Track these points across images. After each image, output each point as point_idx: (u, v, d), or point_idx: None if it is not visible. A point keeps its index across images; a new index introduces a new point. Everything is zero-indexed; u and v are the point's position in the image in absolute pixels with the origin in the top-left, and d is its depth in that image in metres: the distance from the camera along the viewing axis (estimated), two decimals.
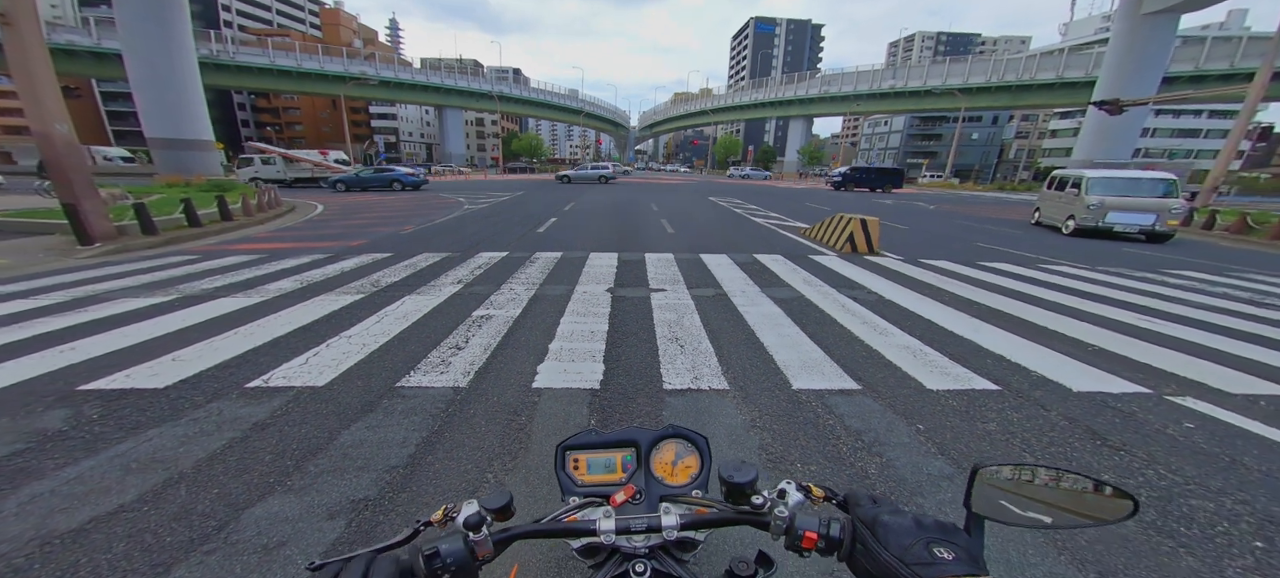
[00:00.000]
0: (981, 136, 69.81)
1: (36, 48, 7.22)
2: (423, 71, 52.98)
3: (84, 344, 3.56)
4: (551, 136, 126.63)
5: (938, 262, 7.58)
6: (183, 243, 8.35)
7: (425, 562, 0.53)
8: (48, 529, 1.79)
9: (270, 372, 3.17)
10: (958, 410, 2.85)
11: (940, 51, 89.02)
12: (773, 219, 13.48)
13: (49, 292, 5.01)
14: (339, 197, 19.58)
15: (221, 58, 38.90)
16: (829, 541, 0.54)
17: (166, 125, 28.95)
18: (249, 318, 4.24)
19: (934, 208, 19.71)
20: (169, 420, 2.57)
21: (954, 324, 4.42)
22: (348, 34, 76.59)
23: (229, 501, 1.98)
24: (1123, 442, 2.51)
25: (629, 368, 3.35)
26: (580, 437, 0.81)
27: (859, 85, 49.72)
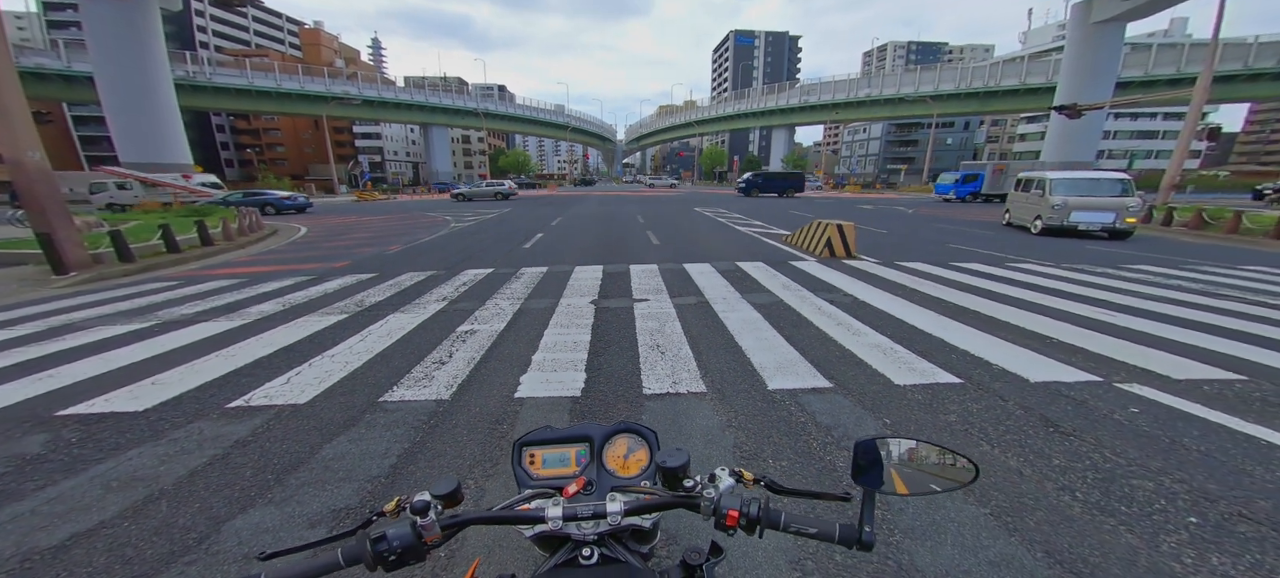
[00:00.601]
0: (955, 141, 72.26)
1: (6, 72, 7.12)
2: (407, 90, 53.02)
3: (61, 372, 3.52)
4: (539, 152, 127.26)
5: (912, 264, 7.84)
6: (161, 270, 8.23)
7: (372, 545, 0.56)
8: (29, 546, 1.80)
9: (251, 392, 3.18)
10: (922, 404, 2.99)
11: (912, 60, 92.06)
12: (756, 227, 13.75)
13: (23, 322, 4.92)
14: (321, 218, 19.39)
15: (198, 79, 38.50)
16: (749, 519, 0.59)
17: (142, 149, 28.47)
18: (230, 341, 4.22)
19: (913, 211, 20.29)
20: (149, 441, 2.58)
21: (924, 322, 4.61)
22: (329, 54, 76.38)
23: (210, 514, 2.00)
24: (1073, 428, 2.67)
25: (610, 376, 3.43)
26: (536, 433, 0.84)
27: (837, 94, 51.20)
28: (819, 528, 0.58)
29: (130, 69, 27.03)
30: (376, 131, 77.86)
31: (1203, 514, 1.96)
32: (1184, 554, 1.75)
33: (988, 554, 1.76)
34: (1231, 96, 35.64)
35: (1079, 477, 2.23)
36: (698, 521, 1.78)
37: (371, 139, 78.77)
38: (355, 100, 46.21)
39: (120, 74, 26.89)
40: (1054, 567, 1.70)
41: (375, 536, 0.57)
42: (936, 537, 1.84)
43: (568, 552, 0.67)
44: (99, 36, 26.25)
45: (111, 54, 26.54)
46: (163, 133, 29.11)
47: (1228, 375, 3.32)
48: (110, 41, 26.31)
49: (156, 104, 28.56)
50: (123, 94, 27.29)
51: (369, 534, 0.57)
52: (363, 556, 0.56)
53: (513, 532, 1.81)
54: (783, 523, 0.60)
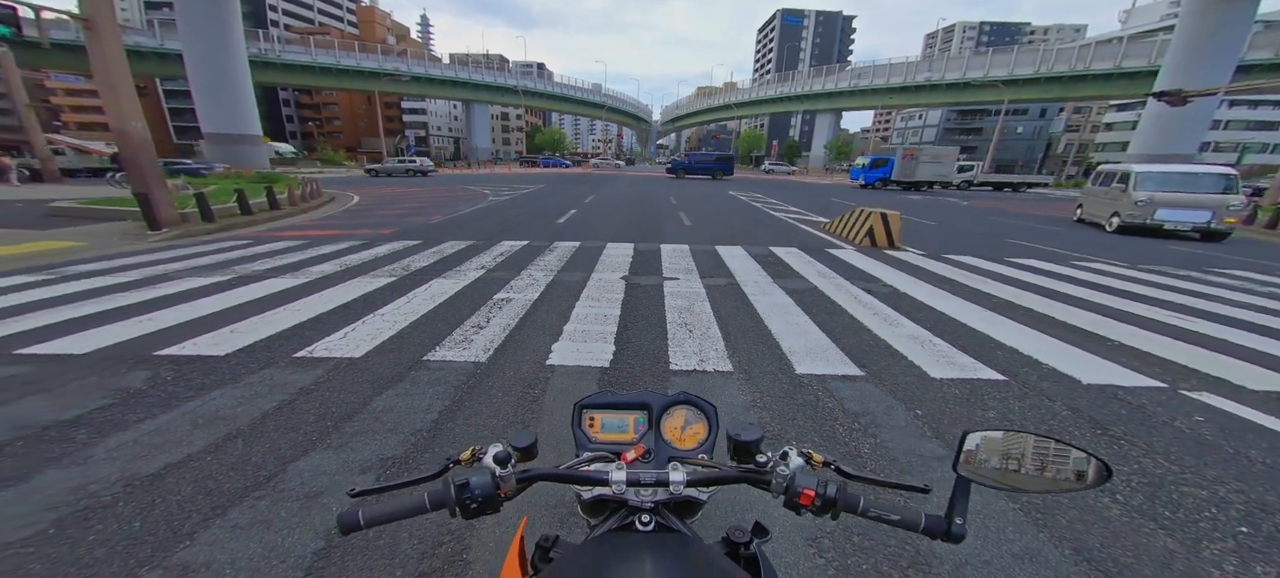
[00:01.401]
0: (1027, 130, 65.99)
1: (115, 50, 7.94)
2: (452, 67, 54.44)
3: (157, 316, 4.02)
4: (574, 131, 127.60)
5: (962, 257, 7.39)
6: (237, 229, 9.05)
7: (456, 492, 0.57)
8: (131, 473, 2.08)
9: (314, 344, 3.50)
10: (959, 398, 2.89)
11: (983, 42, 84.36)
12: (793, 213, 13.34)
13: (125, 271, 5.60)
14: (371, 189, 20.48)
15: (269, 56, 41.04)
16: (825, 500, 0.58)
17: (221, 121, 30.97)
18: (295, 296, 4.64)
19: (969, 204, 18.93)
20: (229, 383, 2.92)
21: (969, 317, 4.38)
22: (382, 31, 78.87)
23: (278, 454, 2.25)
24: (1124, 432, 2.51)
25: (638, 350, 3.52)
26: (597, 396, 0.85)
27: (892, 78, 47.67)
28: (902, 516, 0.57)
29: (213, 46, 29.23)
30: (422, 107, 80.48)
31: (1255, 525, 1.85)
32: (1226, 562, 1.67)
33: (1012, 547, 1.73)
34: None
35: (1123, 480, 2.12)
36: (729, 503, 1.86)
37: (417, 114, 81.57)
38: (404, 77, 47.87)
39: (205, 51, 29.16)
40: (1080, 564, 1.65)
41: (459, 482, 0.58)
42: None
43: (622, 518, 0.67)
44: (188, 15, 28.48)
45: (198, 32, 28.76)
46: (238, 106, 31.48)
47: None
48: (198, 20, 28.49)
49: (234, 79, 30.83)
50: (207, 70, 29.64)
51: (453, 481, 0.59)
52: (447, 501, 0.58)
53: (552, 494, 1.93)
54: (861, 508, 0.58)
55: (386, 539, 1.72)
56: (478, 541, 1.74)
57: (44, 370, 3.00)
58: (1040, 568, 1.63)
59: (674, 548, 0.59)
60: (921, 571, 1.62)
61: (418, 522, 1.79)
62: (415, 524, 1.78)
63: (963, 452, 0.59)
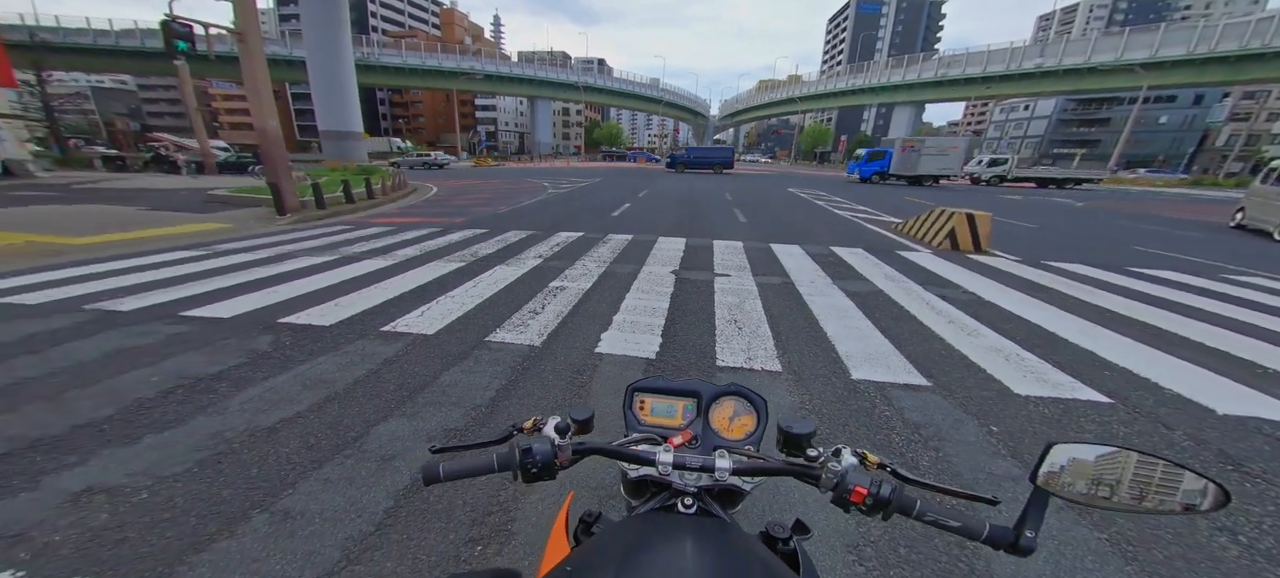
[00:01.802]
0: (1173, 120, 54.90)
1: (259, 59, 9.31)
2: (519, 65, 56.73)
3: (280, 289, 4.70)
4: (631, 125, 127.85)
5: (1068, 265, 6.41)
6: (341, 215, 10.29)
7: (521, 456, 0.62)
8: (254, 425, 2.45)
9: (397, 320, 3.91)
10: (1046, 418, 2.54)
11: (1116, 21, 71.05)
12: (860, 213, 12.34)
13: (258, 249, 6.61)
14: (447, 180, 22.15)
15: (369, 60, 45.66)
16: (877, 499, 0.56)
17: (333, 119, 35.18)
18: (384, 277, 5.19)
19: (1083, 205, 16.26)
20: (331, 351, 3.35)
21: (1069, 331, 3.81)
22: (460, 32, 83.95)
23: (363, 418, 2.53)
24: (1264, 469, 2.07)
25: (685, 343, 3.50)
26: (649, 381, 0.86)
27: (990, 66, 41.69)
28: (963, 523, 0.54)
29: (329, 52, 33.20)
30: (492, 104, 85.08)
31: None
32: None
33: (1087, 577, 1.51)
34: None
35: (1252, 522, 1.77)
36: (768, 500, 1.82)
37: (488, 111, 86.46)
38: (478, 75, 50.91)
39: (323, 57, 33.22)
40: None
41: (523, 447, 0.62)
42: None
43: (664, 499, 0.68)
44: (311, 25, 32.60)
45: (318, 40, 32.82)
46: (346, 106, 35.55)
47: None
48: (318, 29, 32.51)
49: (343, 82, 34.82)
50: (323, 74, 33.77)
51: (517, 446, 0.62)
52: (511, 464, 0.62)
53: (594, 476, 2.01)
54: (917, 511, 0.56)
55: (444, 505, 1.89)
56: (521, 513, 1.85)
57: (200, 330, 3.65)
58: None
59: (714, 532, 0.59)
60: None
61: (471, 492, 1.94)
62: (468, 494, 1.94)
63: (1044, 463, 0.54)
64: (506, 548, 1.70)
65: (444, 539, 1.72)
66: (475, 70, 50.60)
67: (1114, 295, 4.89)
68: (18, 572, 1.53)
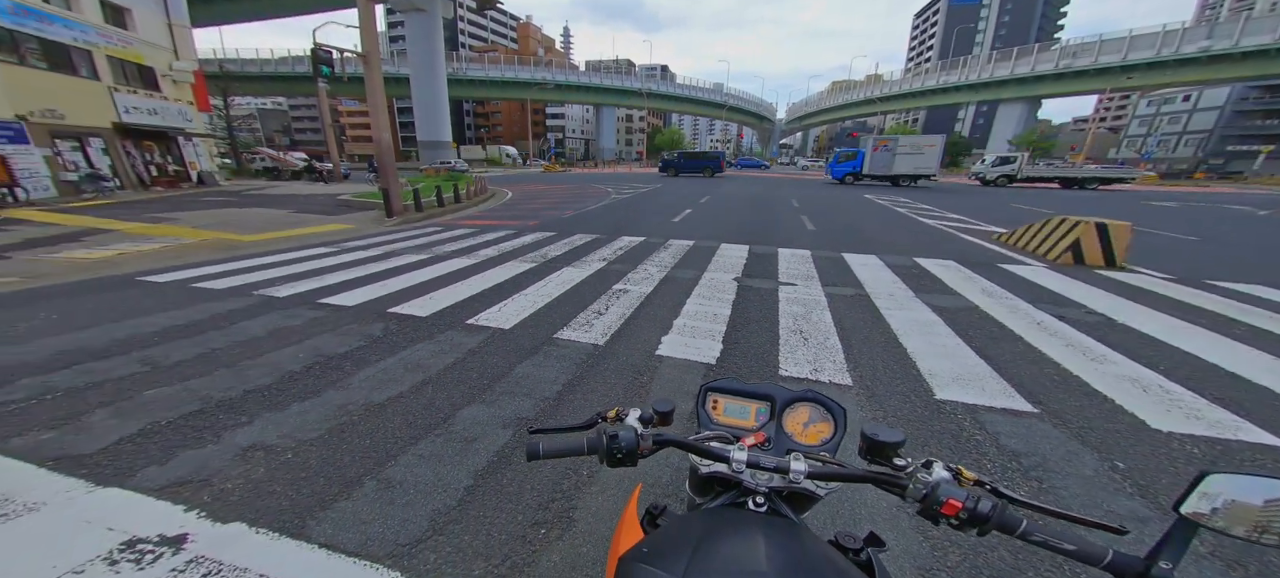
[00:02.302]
0: None
1: (378, 78, 10.53)
2: (586, 74, 58.14)
3: (388, 283, 5.29)
4: (693, 131, 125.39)
5: (1237, 286, 5.25)
6: (435, 217, 11.33)
7: (608, 442, 0.64)
8: (368, 400, 2.78)
9: (479, 314, 4.24)
10: (1192, 457, 2.16)
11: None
12: (951, 221, 11.01)
13: (372, 248, 7.49)
14: (520, 186, 23.36)
15: (458, 74, 49.54)
16: (974, 514, 0.53)
17: (429, 130, 38.80)
18: (469, 274, 5.65)
19: (1266, 213, 13.11)
20: (426, 339, 3.71)
21: (1231, 361, 3.18)
22: (534, 44, 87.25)
23: (451, 401, 2.77)
24: None
25: (746, 351, 3.42)
26: (722, 381, 0.86)
27: (1131, 53, 34.60)
28: (1079, 547, 0.49)
29: (428, 68, 36.71)
30: (561, 111, 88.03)
31: None
32: None
33: None
34: None
35: None
36: (831, 509, 1.73)
37: (557, 118, 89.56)
38: (549, 85, 53.21)
39: (423, 74, 36.82)
40: None
41: (610, 433, 0.64)
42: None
43: (733, 497, 0.68)
44: (414, 45, 36.23)
45: (420, 58, 36.42)
46: (439, 117, 39.06)
47: None
48: (420, 47, 36.05)
49: (437, 96, 38.30)
50: (423, 89, 37.43)
51: (604, 432, 0.64)
52: (598, 448, 0.64)
53: (661, 474, 2.04)
54: (1023, 530, 0.51)
55: (515, 488, 2.04)
56: (583, 503, 1.94)
57: (332, 315, 4.24)
58: None
59: (786, 532, 0.58)
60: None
61: (538, 479, 2.07)
62: (536, 480, 2.07)
63: (1194, 493, 0.49)
64: (568, 533, 1.79)
65: (513, 520, 1.85)
66: (547, 80, 53.03)
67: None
68: (201, 512, 1.90)
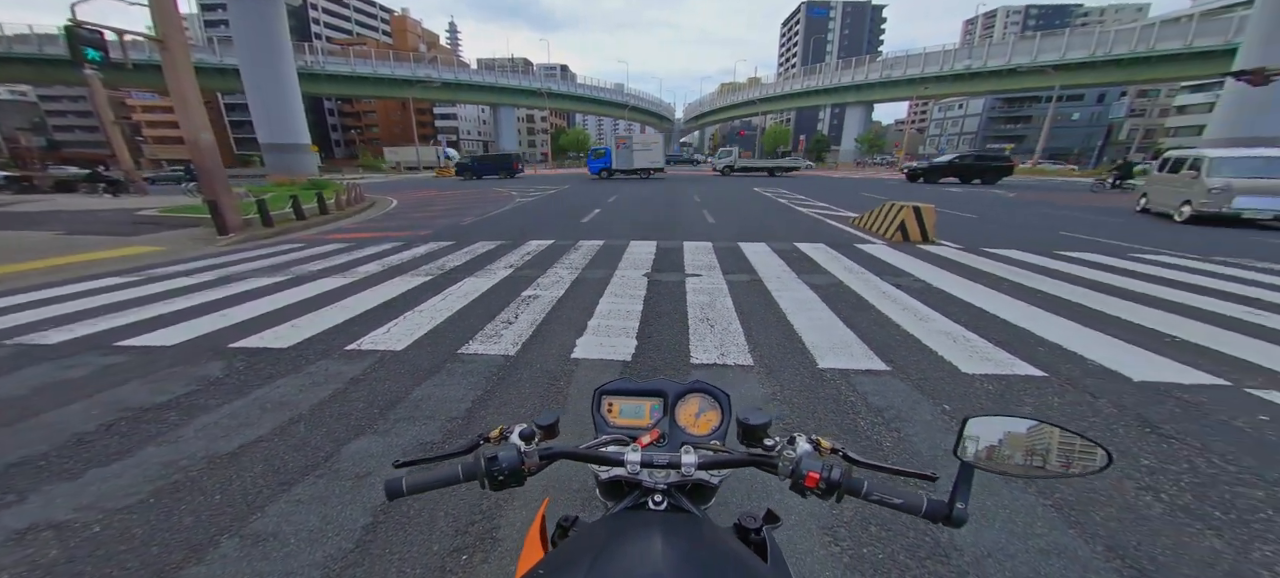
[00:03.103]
0: (1084, 116, 61.45)
1: (185, 67, 8.74)
2: (479, 72, 55.74)
3: (229, 313, 4.44)
4: (598, 131, 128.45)
5: (1004, 251, 7.04)
6: (292, 233, 9.77)
7: (486, 465, 0.63)
8: (212, 451, 2.34)
9: (362, 338, 3.79)
10: (991, 394, 2.81)
11: (1029, 27, 78.88)
12: (819, 209, 13.01)
13: (200, 272, 6.18)
14: (407, 193, 21.46)
15: (314, 68, 43.66)
16: (829, 483, 0.59)
17: (274, 132, 33.26)
18: (345, 294, 5.00)
19: (1014, 195, 17.82)
20: (292, 373, 3.21)
21: (1007, 312, 4.21)
22: (414, 39, 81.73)
23: (333, 437, 2.46)
24: (1176, 431, 2.37)
25: (660, 344, 3.60)
26: (615, 383, 0.88)
27: (927, 67, 45.39)
28: (905, 500, 0.57)
29: (265, 60, 31.43)
30: (452, 112, 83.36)
31: None
32: (1278, 564, 1.58)
33: (1039, 542, 1.70)
34: None
35: (1170, 479, 2.02)
36: (749, 491, 1.92)
37: (448, 119, 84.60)
38: (435, 83, 49.69)
39: (258, 65, 31.40)
40: (1113, 561, 1.61)
41: (489, 456, 0.63)
42: (984, 518, 1.80)
43: (636, 498, 0.70)
44: (242, 32, 30.78)
45: (251, 47, 31.02)
46: (290, 117, 33.69)
47: None
48: (250, 36, 30.73)
49: (284, 91, 33.02)
50: (261, 83, 31.92)
51: (483, 454, 0.63)
52: (478, 473, 0.63)
53: (575, 479, 2.04)
54: (865, 491, 0.59)
55: (425, 516, 1.88)
56: (506, 521, 1.87)
57: (139, 360, 3.40)
58: (1069, 565, 1.60)
59: (684, 527, 0.61)
60: (941, 562, 1.62)
61: (453, 502, 1.94)
62: (450, 504, 1.94)
63: (964, 437, 0.59)
64: (494, 554, 1.71)
65: (428, 551, 1.72)
66: (433, 78, 49.44)
67: (1046, 278, 5.42)
68: None
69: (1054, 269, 5.86)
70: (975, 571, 1.58)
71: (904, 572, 1.58)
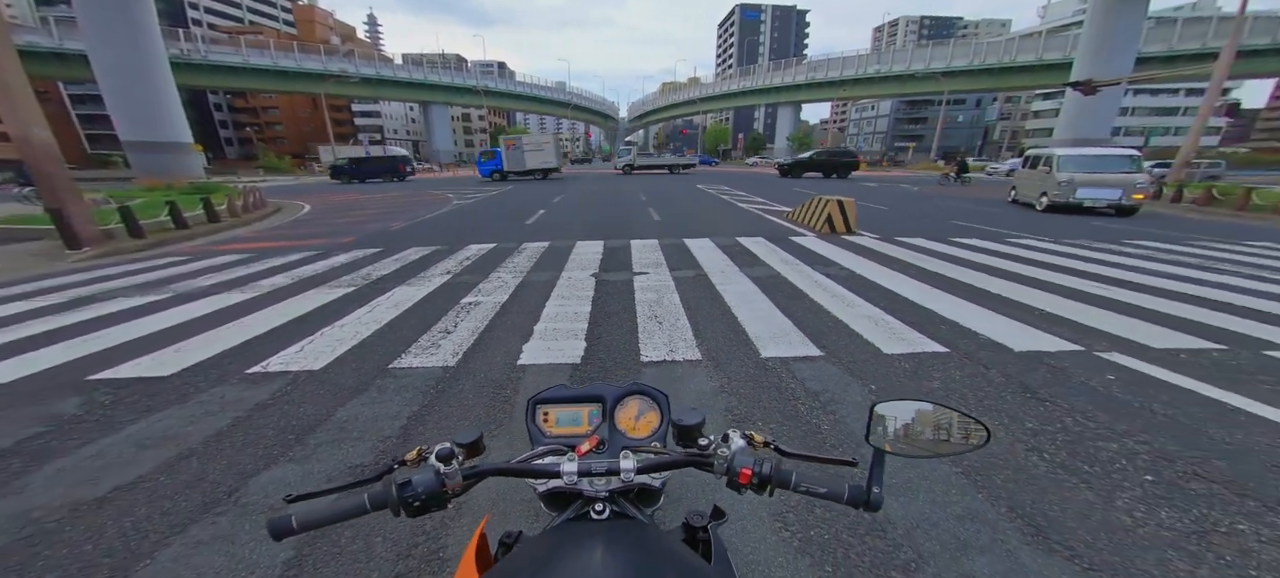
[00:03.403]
0: (966, 119, 70.90)
1: (4, 50, 7.14)
2: (405, 68, 52.13)
3: (87, 339, 3.71)
4: (540, 129, 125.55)
5: (911, 239, 7.89)
6: (171, 245, 8.40)
7: (398, 491, 0.57)
8: (76, 498, 1.97)
9: (268, 359, 3.35)
10: (908, 372, 3.12)
11: (924, 36, 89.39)
12: (758, 204, 13.73)
13: (44, 294, 5.11)
14: (324, 196, 19.47)
15: (193, 58, 38.09)
16: (761, 477, 0.60)
17: (141, 128, 28.32)
18: (244, 312, 4.40)
19: (917, 189, 20.07)
20: (177, 404, 2.76)
21: (916, 295, 4.71)
22: (324, 31, 74.95)
23: (238, 470, 2.17)
24: (1049, 394, 2.79)
25: (609, 344, 3.58)
26: (550, 391, 0.85)
27: (845, 71, 49.93)
28: (829, 489, 0.59)
29: (123, 46, 26.61)
30: (376, 110, 77.13)
31: (1158, 473, 2.08)
32: (1135, 510, 1.86)
33: (955, 509, 1.87)
34: (1258, 71, 34.40)
35: (1048, 439, 2.36)
36: (702, 487, 1.95)
37: (371, 117, 78.06)
38: (353, 78, 45.59)
39: (114, 52, 26.52)
40: (1015, 520, 1.82)
41: (401, 481, 0.58)
42: (909, 493, 1.97)
43: (578, 508, 0.68)
44: (89, 13, 25.82)
45: (103, 31, 26.10)
46: (161, 111, 28.86)
47: (1206, 344, 3.43)
48: (101, 18, 25.86)
49: (152, 82, 28.21)
50: (118, 72, 26.98)
51: (394, 480, 0.58)
52: (389, 500, 0.57)
53: (519, 490, 1.95)
54: (793, 483, 0.60)
55: (360, 543, 1.72)
56: (453, 539, 1.75)
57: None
58: (981, 527, 1.78)
59: (626, 534, 0.60)
60: (878, 537, 1.75)
61: (390, 525, 1.79)
62: (390, 526, 1.78)
63: (873, 423, 0.62)
64: (442, 576, 1.60)
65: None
66: (350, 73, 45.10)
67: (943, 262, 6.15)
68: None
69: (950, 254, 6.67)
70: (907, 542, 1.73)
71: (848, 550, 1.70)
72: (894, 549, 1.69)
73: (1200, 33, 33.27)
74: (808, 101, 59.57)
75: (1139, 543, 1.70)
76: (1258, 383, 2.86)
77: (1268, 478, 2.02)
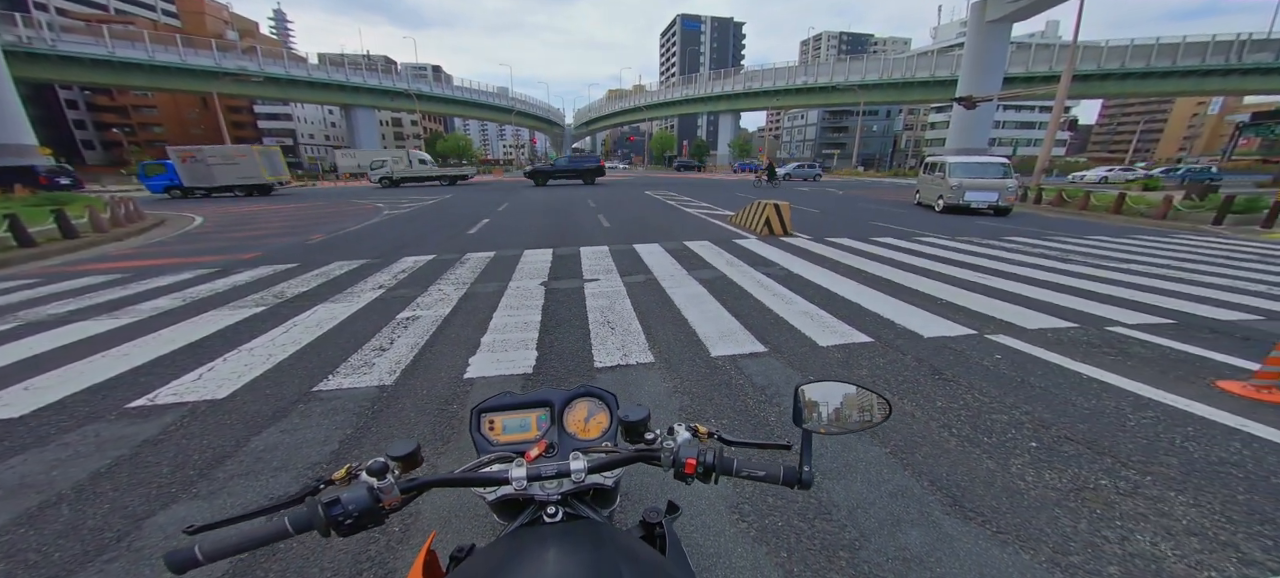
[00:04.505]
0: (879, 128, 78.69)
1: None
2: (321, 68, 47.11)
3: None
4: (481, 136, 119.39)
5: (839, 239, 8.60)
6: (13, 265, 6.92)
7: (325, 510, 0.52)
8: None
9: (156, 390, 2.88)
10: (840, 361, 3.39)
11: (843, 50, 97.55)
12: (703, 209, 14.17)
13: None
14: (219, 207, 17.09)
15: (36, 46, 31.88)
16: (705, 466, 0.62)
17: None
18: (119, 340, 3.74)
19: (842, 193, 21.87)
20: (34, 447, 2.30)
21: (845, 290, 5.14)
22: (216, 24, 66.41)
23: (126, 512, 1.88)
24: (953, 374, 3.17)
25: (562, 352, 3.50)
26: (495, 399, 0.83)
27: (778, 81, 53.24)
28: (766, 472, 0.62)
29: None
30: (286, 111, 69.39)
31: (1040, 439, 2.40)
32: (1026, 473, 2.14)
33: (888, 488, 2.04)
34: (1090, 93, 41.98)
35: (955, 416, 2.66)
36: (661, 486, 1.95)
37: (280, 120, 70.10)
38: (256, 77, 40.28)
39: None
40: (936, 493, 2.02)
41: (328, 500, 0.53)
42: (848, 475, 2.12)
43: (531, 514, 0.68)
44: None
45: None
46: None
47: (1064, 324, 4.08)
48: None
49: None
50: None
51: (320, 500, 0.54)
52: (315, 521, 0.52)
53: (470, 503, 1.86)
54: (734, 469, 0.62)
55: (294, 570, 1.56)
56: (402, 561, 1.64)
57: None
58: (911, 502, 1.96)
59: (580, 534, 0.60)
60: (825, 519, 1.87)
61: (328, 551, 1.63)
62: (324, 553, 1.63)
63: (799, 405, 0.65)
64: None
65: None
66: (249, 71, 39.72)
67: (865, 259, 6.76)
68: None
69: (871, 252, 7.35)
70: (851, 522, 1.86)
71: (800, 535, 1.80)
72: (840, 530, 1.82)
73: (1047, 57, 40.05)
74: (745, 110, 62.64)
75: (1033, 505, 1.95)
76: (1103, 354, 3.45)
77: (1119, 438, 2.43)
